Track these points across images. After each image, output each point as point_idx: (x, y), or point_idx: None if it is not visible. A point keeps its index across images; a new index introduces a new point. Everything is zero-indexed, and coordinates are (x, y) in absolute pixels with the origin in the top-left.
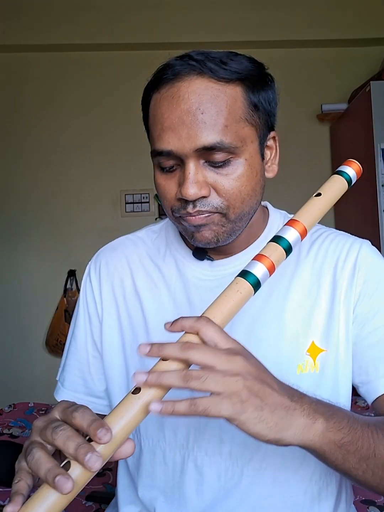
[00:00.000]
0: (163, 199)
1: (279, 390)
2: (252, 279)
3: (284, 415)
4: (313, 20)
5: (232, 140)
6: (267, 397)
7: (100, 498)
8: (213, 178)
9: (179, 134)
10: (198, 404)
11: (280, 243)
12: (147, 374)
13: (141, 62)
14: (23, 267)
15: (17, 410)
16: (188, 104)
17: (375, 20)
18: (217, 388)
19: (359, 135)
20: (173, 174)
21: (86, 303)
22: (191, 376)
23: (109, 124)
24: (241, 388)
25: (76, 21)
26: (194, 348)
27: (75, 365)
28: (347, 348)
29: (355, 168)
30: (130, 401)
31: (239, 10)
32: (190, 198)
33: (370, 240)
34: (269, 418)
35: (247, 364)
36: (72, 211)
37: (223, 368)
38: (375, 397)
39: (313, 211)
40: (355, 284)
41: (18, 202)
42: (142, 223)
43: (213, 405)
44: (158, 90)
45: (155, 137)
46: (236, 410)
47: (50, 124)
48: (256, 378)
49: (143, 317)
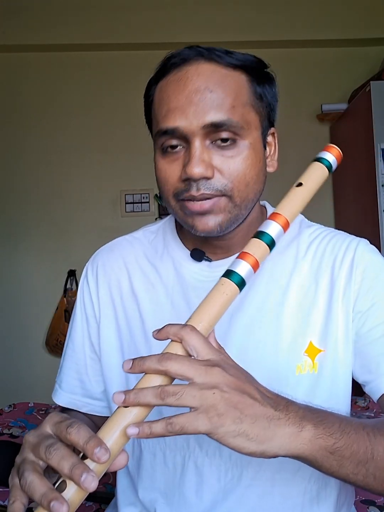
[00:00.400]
0: (164, 184)
1: (262, 399)
2: (237, 279)
3: (267, 426)
4: (313, 20)
5: (239, 120)
6: (247, 408)
7: (100, 498)
8: (219, 160)
9: (187, 112)
10: (174, 424)
11: (263, 239)
12: (124, 394)
13: (141, 62)
14: (23, 267)
15: (17, 410)
16: (197, 85)
17: (375, 20)
18: (194, 403)
19: (359, 135)
20: (177, 156)
21: (83, 305)
22: (167, 392)
23: (109, 124)
24: (218, 401)
25: (76, 21)
26: (171, 360)
27: (72, 366)
28: (346, 348)
29: (335, 153)
30: (122, 414)
31: (239, 10)
32: (195, 177)
33: (370, 240)
34: (249, 430)
35: (226, 375)
36: (72, 211)
37: (201, 380)
38: (380, 394)
39: (295, 203)
40: (353, 282)
41: (18, 202)
42: (142, 223)
43: (190, 422)
44: (165, 76)
45: (160, 119)
46: (214, 425)
47: (50, 124)
48: (236, 389)
49: (141, 318)
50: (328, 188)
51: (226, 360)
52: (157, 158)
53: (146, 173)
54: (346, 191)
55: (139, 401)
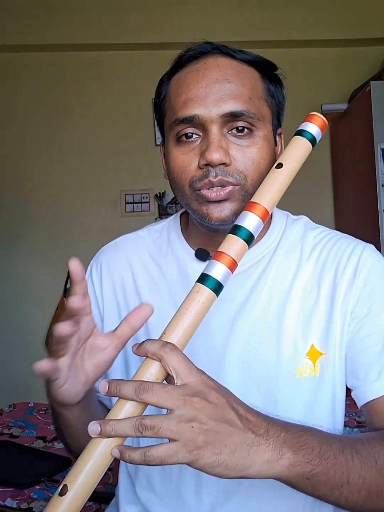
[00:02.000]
0: (181, 173)
1: (242, 425)
2: (212, 284)
3: (246, 454)
4: (313, 20)
5: (255, 111)
6: (226, 438)
7: (100, 498)
8: (234, 149)
9: (206, 101)
10: (153, 457)
11: (239, 234)
12: (100, 425)
13: (141, 62)
14: (23, 267)
15: (17, 410)
16: (216, 75)
17: (375, 20)
18: (172, 435)
19: (359, 135)
20: (193, 146)
21: None
22: (145, 426)
23: (109, 124)
24: (197, 435)
25: (76, 21)
26: (148, 392)
27: None
28: (342, 351)
29: (318, 123)
30: (95, 444)
31: (239, 10)
32: (214, 162)
33: (370, 240)
34: (228, 460)
35: (206, 404)
36: (72, 211)
37: (179, 412)
38: (363, 402)
39: (274, 188)
40: (355, 288)
41: (18, 202)
42: (142, 223)
43: (169, 455)
44: (182, 69)
45: (178, 108)
46: (193, 457)
47: (50, 124)
48: (215, 419)
49: None
50: (328, 188)
51: (206, 382)
52: (171, 149)
53: (146, 173)
54: (346, 191)
55: (116, 433)
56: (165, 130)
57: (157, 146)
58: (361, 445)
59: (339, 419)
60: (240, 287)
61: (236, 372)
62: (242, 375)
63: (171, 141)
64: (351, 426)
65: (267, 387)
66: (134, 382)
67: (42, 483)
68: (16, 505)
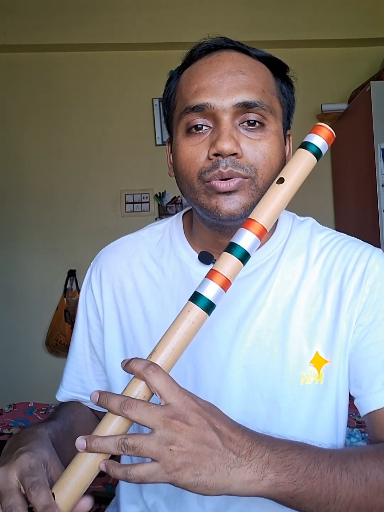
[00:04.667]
0: (189, 165)
1: (223, 446)
2: (204, 303)
3: (225, 475)
4: (313, 20)
5: (268, 104)
6: (206, 460)
7: (100, 498)
8: (245, 142)
9: (218, 91)
10: (133, 476)
11: (234, 253)
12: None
13: (141, 62)
14: (23, 267)
15: (17, 410)
16: (229, 66)
17: (375, 20)
18: (152, 456)
19: (359, 135)
20: (203, 137)
21: (85, 306)
22: (127, 446)
23: (109, 124)
24: (175, 457)
25: (76, 21)
26: (132, 409)
27: (73, 367)
28: (345, 359)
29: (324, 135)
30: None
31: (239, 10)
32: (225, 152)
33: (370, 240)
34: (207, 481)
35: (185, 426)
36: (72, 211)
37: (159, 433)
38: (366, 412)
39: (274, 205)
40: (361, 294)
41: (18, 202)
42: (142, 223)
43: (149, 475)
44: (194, 62)
45: (189, 97)
46: (172, 478)
47: (50, 124)
48: (194, 441)
49: (145, 320)
50: (328, 188)
51: (188, 403)
52: (179, 140)
53: (146, 173)
54: (346, 191)
55: (100, 450)
56: (174, 123)
57: (157, 146)
58: (352, 461)
59: (341, 427)
60: (245, 291)
61: (239, 378)
62: (245, 382)
63: (180, 133)
64: (351, 426)
65: (270, 394)
66: (121, 397)
67: None
68: None
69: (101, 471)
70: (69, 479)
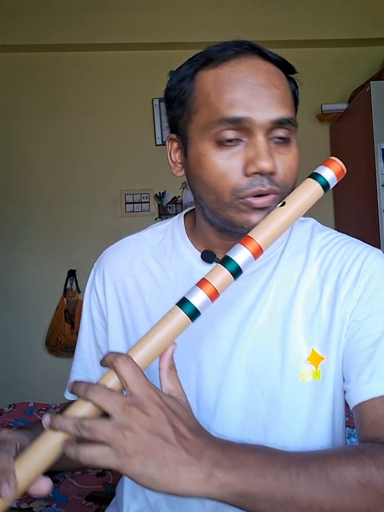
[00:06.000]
0: (221, 179)
1: (176, 443)
2: (189, 310)
3: (174, 471)
4: (313, 20)
5: (295, 119)
6: (156, 452)
7: (100, 498)
8: (277, 157)
9: (255, 104)
10: (84, 455)
11: (228, 266)
12: (50, 418)
13: (141, 62)
14: (23, 267)
15: (17, 410)
16: (261, 78)
17: (375, 20)
18: (106, 440)
19: (359, 135)
20: (235, 151)
21: (89, 307)
22: (83, 426)
23: (109, 124)
24: (127, 443)
25: (76, 21)
26: (94, 392)
27: (80, 366)
28: (340, 356)
29: (335, 169)
30: (46, 437)
31: (239, 10)
32: (266, 171)
33: (370, 240)
34: (155, 474)
35: (143, 415)
36: (72, 211)
37: (117, 418)
38: (353, 405)
39: (273, 227)
40: (356, 291)
41: (18, 202)
42: (142, 223)
43: (100, 457)
44: (218, 66)
45: (222, 107)
46: (121, 464)
47: (50, 124)
48: (149, 431)
49: (148, 319)
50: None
51: (150, 395)
52: (206, 150)
53: (146, 173)
54: (346, 191)
55: (60, 428)
56: (192, 127)
57: (157, 146)
58: (313, 460)
59: (338, 425)
60: (248, 290)
61: (241, 377)
62: (246, 380)
63: (207, 142)
64: (351, 426)
65: (270, 392)
66: (88, 383)
67: None
68: (16, 505)
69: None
70: (31, 455)
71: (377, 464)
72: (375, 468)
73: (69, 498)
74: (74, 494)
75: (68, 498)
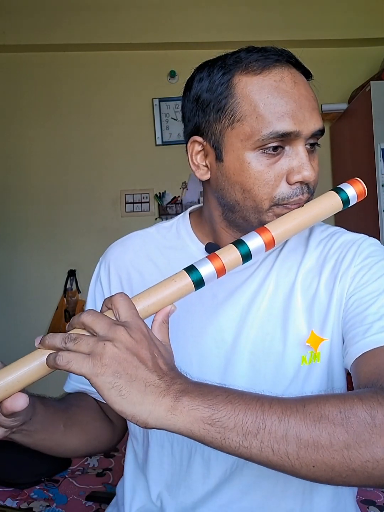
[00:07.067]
0: (260, 186)
1: (151, 366)
2: (195, 276)
3: (142, 389)
4: (313, 20)
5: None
6: (130, 368)
7: (100, 498)
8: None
9: (302, 117)
10: (62, 357)
11: (239, 248)
12: (41, 337)
13: (141, 62)
14: (23, 267)
15: None
16: (302, 90)
17: (375, 20)
18: (86, 349)
19: (359, 135)
20: (276, 158)
21: (94, 299)
22: (70, 338)
23: (109, 124)
24: (106, 352)
25: (76, 21)
26: (89, 314)
27: None
28: (340, 335)
29: (357, 188)
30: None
31: (239, 10)
32: (310, 180)
33: None
34: (123, 386)
35: (126, 335)
36: (72, 211)
37: (102, 333)
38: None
39: (290, 225)
40: (352, 270)
41: (18, 202)
42: (142, 223)
43: (76, 361)
44: (262, 74)
45: (273, 120)
46: (95, 371)
47: (50, 124)
48: (129, 349)
49: None
50: (328, 187)
51: (139, 325)
52: (254, 159)
53: (146, 173)
54: None
55: (49, 343)
56: (235, 134)
57: (157, 146)
58: (288, 396)
59: None
60: (250, 281)
61: (244, 365)
62: (250, 367)
63: (252, 150)
64: None
65: (273, 377)
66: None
67: (42, 483)
68: (16, 505)
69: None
70: (13, 368)
71: (360, 397)
72: (358, 399)
73: (69, 498)
74: (74, 494)
75: (68, 498)
